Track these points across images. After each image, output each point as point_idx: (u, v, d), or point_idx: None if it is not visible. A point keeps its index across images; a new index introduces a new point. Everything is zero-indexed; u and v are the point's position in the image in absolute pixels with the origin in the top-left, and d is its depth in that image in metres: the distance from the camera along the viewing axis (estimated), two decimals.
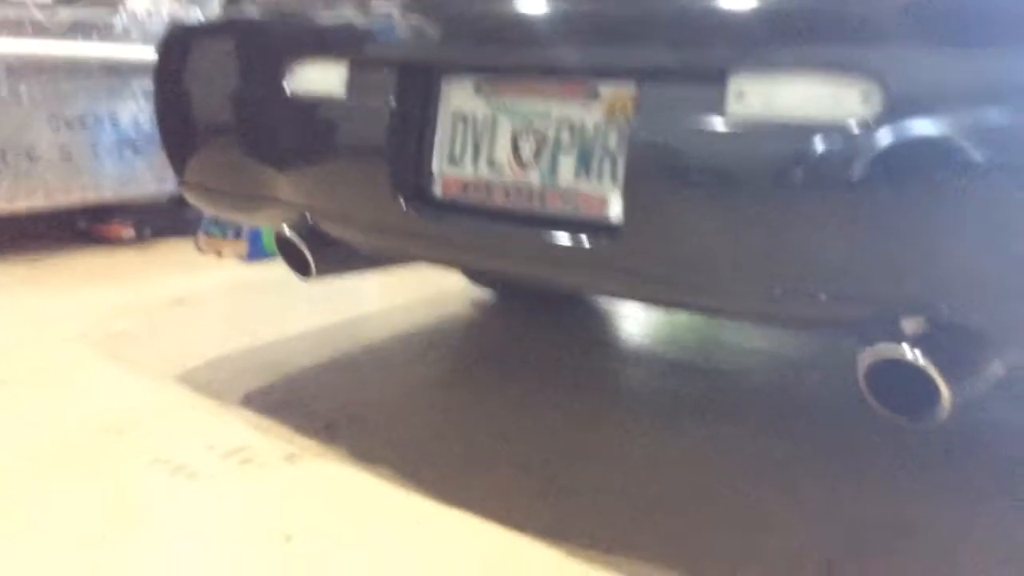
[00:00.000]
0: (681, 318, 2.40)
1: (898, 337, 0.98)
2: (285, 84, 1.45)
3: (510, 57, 1.24)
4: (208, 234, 2.99)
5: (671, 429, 1.69)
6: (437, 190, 1.32)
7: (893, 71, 0.91)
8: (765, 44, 0.99)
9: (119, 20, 3.05)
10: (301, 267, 1.53)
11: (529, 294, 2.49)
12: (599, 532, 1.29)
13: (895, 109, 0.90)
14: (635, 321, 2.41)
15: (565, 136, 1.19)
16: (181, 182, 1.70)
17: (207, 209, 1.79)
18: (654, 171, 1.07)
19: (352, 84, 1.37)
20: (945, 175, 0.89)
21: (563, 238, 1.16)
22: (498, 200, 1.26)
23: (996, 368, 1.06)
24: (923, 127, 0.89)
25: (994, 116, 0.87)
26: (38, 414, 1.65)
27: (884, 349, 0.97)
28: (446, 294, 2.54)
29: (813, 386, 1.95)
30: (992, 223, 0.87)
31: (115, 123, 3.02)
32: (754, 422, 1.72)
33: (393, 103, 1.32)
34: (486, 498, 1.37)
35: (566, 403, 1.78)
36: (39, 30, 2.86)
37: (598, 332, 2.36)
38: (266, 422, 1.63)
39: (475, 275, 2.45)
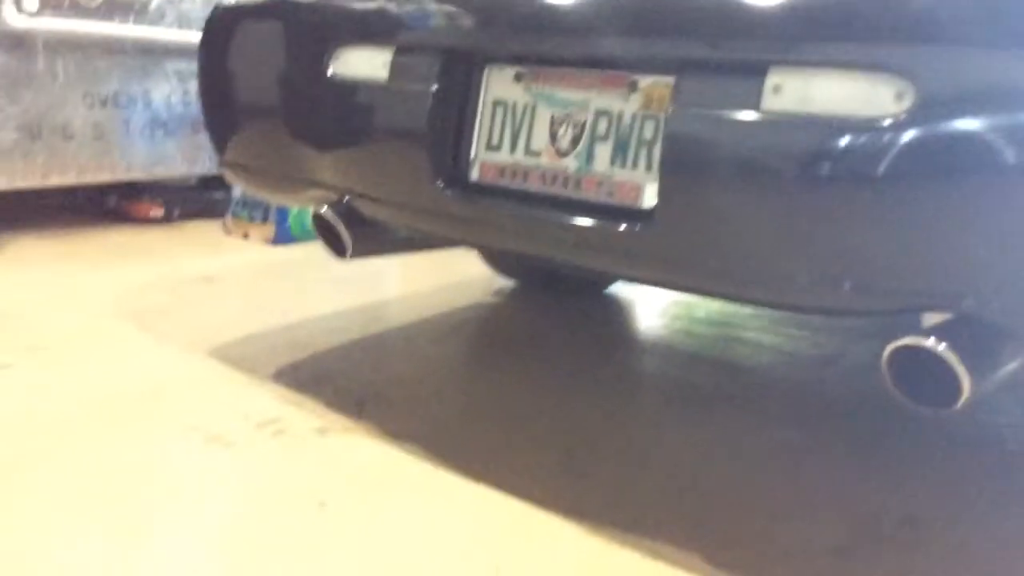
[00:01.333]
0: (700, 313, 2.43)
1: (922, 328, 1.01)
2: (329, 67, 1.49)
3: (550, 47, 1.28)
4: (236, 216, 3.05)
5: (688, 418, 1.73)
6: (475, 174, 1.36)
7: (926, 70, 0.94)
8: (802, 40, 1.03)
9: (155, 1, 3.10)
10: (338, 247, 1.57)
11: (551, 285, 2.53)
12: (618, 511, 1.33)
13: (926, 107, 0.94)
14: (654, 314, 2.45)
15: (602, 125, 1.23)
16: (222, 161, 1.75)
17: (247, 188, 1.83)
18: (688, 161, 1.11)
19: (395, 69, 1.42)
20: (973, 173, 0.93)
21: (597, 223, 1.20)
22: (534, 185, 1.30)
23: (1017, 363, 1.09)
24: (952, 126, 0.93)
25: (1015, 119, 0.91)
26: (75, 380, 1.71)
27: (909, 338, 1.00)
28: (469, 282, 2.58)
29: (829, 381, 1.99)
30: (1019, 221, 0.90)
31: (148, 103, 3.07)
32: (769, 414, 1.76)
33: (435, 89, 1.36)
34: (509, 475, 1.41)
35: (586, 389, 1.83)
36: (76, 8, 2.91)
37: (618, 324, 2.40)
38: (297, 396, 1.67)
39: (499, 264, 2.49)
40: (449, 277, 2.60)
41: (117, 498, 1.29)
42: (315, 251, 1.59)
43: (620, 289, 2.60)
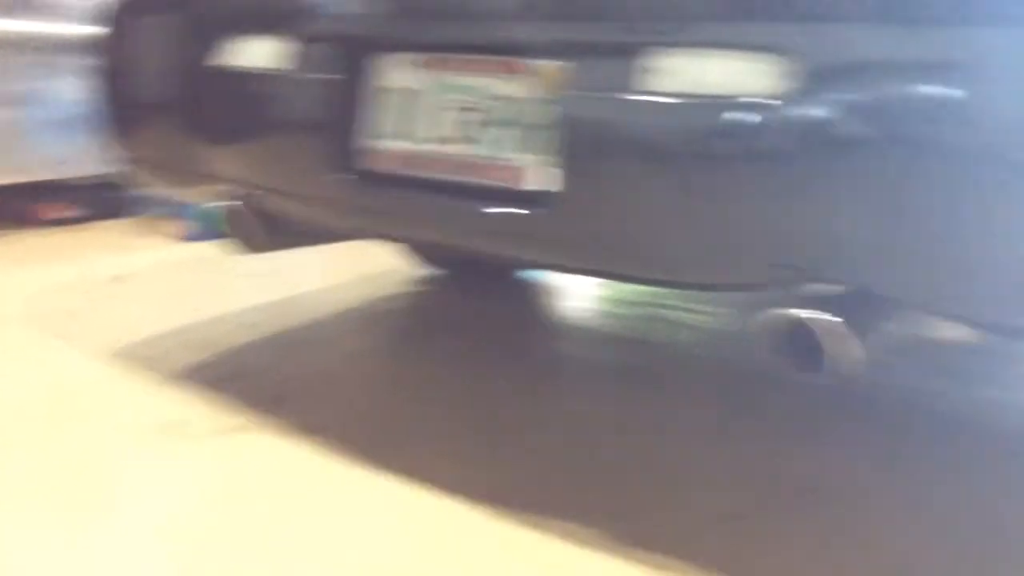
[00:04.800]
0: (620, 294, 2.46)
1: (815, 301, 1.04)
2: (226, 59, 1.47)
3: (448, 34, 1.27)
4: (147, 215, 2.98)
5: (606, 397, 1.75)
6: (376, 163, 1.35)
7: (807, 48, 0.96)
8: (687, 21, 1.05)
9: None
10: (248, 242, 1.55)
11: (474, 272, 2.53)
12: (537, 496, 1.34)
13: (808, 85, 0.96)
14: (577, 297, 2.46)
15: (501, 110, 1.24)
16: (127, 158, 1.71)
17: (154, 184, 1.79)
18: (584, 144, 1.12)
19: (291, 59, 1.40)
20: (854, 148, 0.95)
21: (499, 209, 1.21)
22: (435, 173, 1.29)
23: (895, 328, 1.13)
24: (833, 102, 0.95)
25: (898, 92, 0.93)
26: None
27: (802, 311, 1.03)
28: (388, 273, 2.56)
29: (742, 356, 2.03)
30: (891, 195, 0.93)
31: (54, 102, 2.98)
32: (682, 390, 1.79)
33: (331, 78, 1.34)
34: (429, 463, 1.41)
35: (507, 374, 1.83)
36: None
37: (541, 308, 2.42)
38: (209, 395, 1.65)
39: (421, 253, 2.48)
40: (371, 268, 2.57)
41: (20, 505, 1.26)
42: (230, 246, 1.57)
43: (539, 274, 2.62)
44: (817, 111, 0.95)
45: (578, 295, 2.47)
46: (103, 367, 1.77)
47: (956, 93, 0.88)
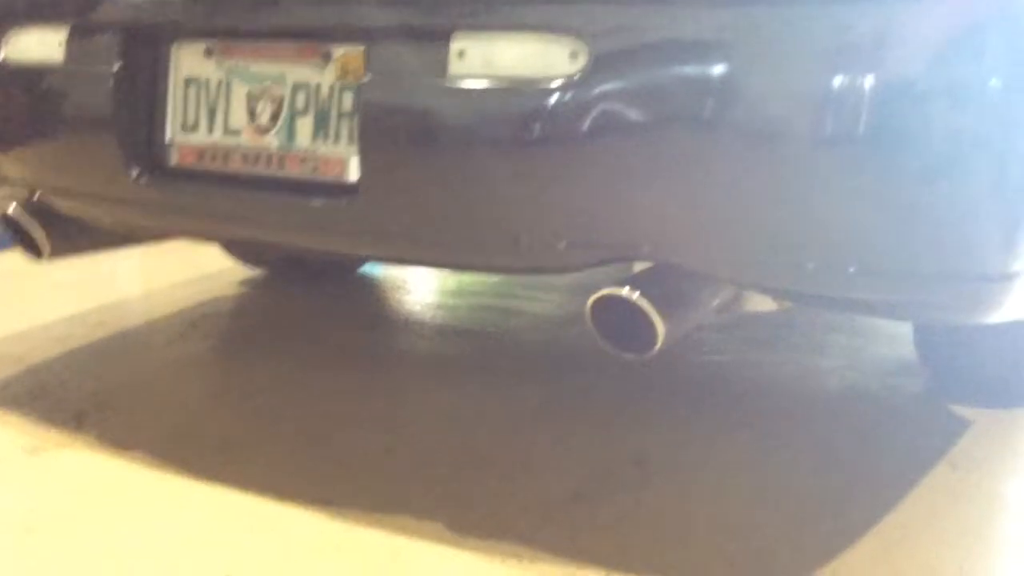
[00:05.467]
0: (456, 287, 2.45)
1: (625, 278, 1.05)
2: (2, 53, 1.35)
3: (239, 19, 1.21)
4: None
5: (438, 388, 1.73)
6: (172, 159, 1.28)
7: (596, 29, 0.97)
8: (482, 4, 1.04)
9: None
10: (33, 248, 1.44)
11: (299, 270, 2.46)
12: (363, 491, 1.31)
13: (599, 65, 0.97)
14: (406, 291, 2.43)
15: (300, 98, 1.19)
16: None
17: None
18: (385, 131, 1.09)
19: (74, 51, 1.30)
20: (645, 127, 0.96)
21: (303, 201, 1.16)
22: (236, 166, 1.23)
23: (710, 304, 1.16)
24: (623, 82, 0.96)
25: (689, 72, 0.95)
26: None
27: (607, 288, 1.04)
28: (211, 276, 2.45)
29: (570, 340, 2.05)
30: (678, 170, 0.95)
31: None
32: (512, 376, 1.79)
33: (118, 69, 1.26)
34: (248, 470, 1.35)
35: (336, 373, 1.78)
36: None
37: (370, 303, 2.37)
38: (6, 416, 1.52)
39: (241, 254, 2.39)
40: (188, 272, 2.45)
41: None
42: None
43: (374, 268, 2.57)
44: (607, 91, 0.96)
45: (413, 289, 2.44)
46: None
47: (726, 70, 0.91)
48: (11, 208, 1.40)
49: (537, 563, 1.14)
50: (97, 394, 1.63)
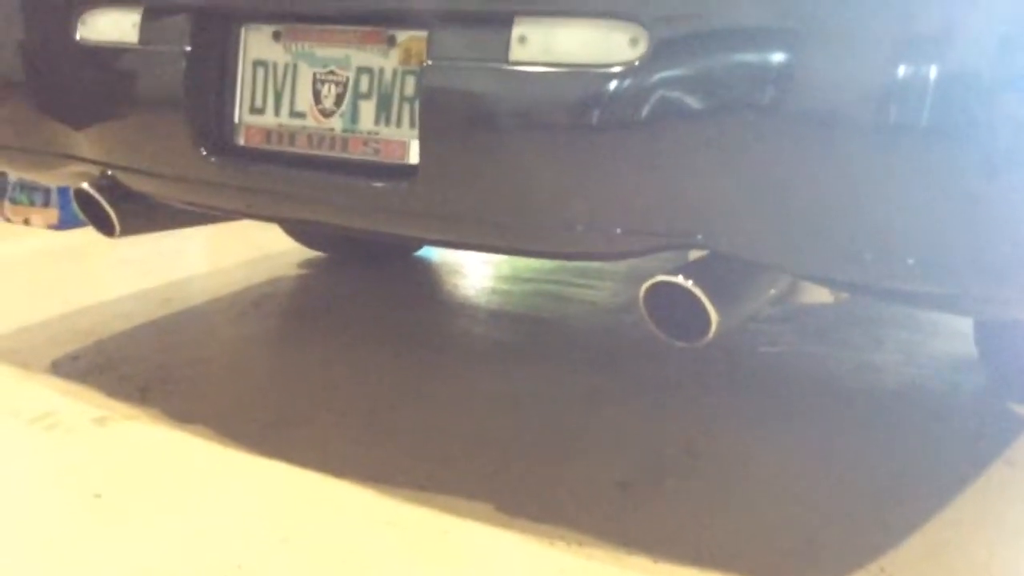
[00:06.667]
0: (511, 272, 2.46)
1: (680, 266, 1.06)
2: (77, 31, 1.40)
3: (307, 4, 1.24)
4: (14, 202, 2.83)
5: (490, 372, 1.75)
6: (239, 139, 1.31)
7: (657, 15, 0.97)
8: None
9: None
10: (105, 225, 1.48)
11: (358, 253, 2.50)
12: (416, 470, 1.33)
13: (659, 52, 0.97)
14: (463, 275, 2.46)
15: (364, 82, 1.21)
16: None
17: (4, 168, 1.70)
18: (445, 115, 1.10)
19: (148, 32, 1.34)
20: (704, 115, 0.96)
21: (364, 183, 1.18)
22: (301, 147, 1.26)
23: (765, 294, 1.16)
24: (683, 69, 0.96)
25: (750, 59, 0.95)
26: None
27: (662, 276, 1.04)
28: (273, 256, 2.51)
29: (624, 328, 2.06)
30: (740, 158, 0.95)
31: None
32: (569, 363, 1.81)
33: (191, 51, 1.29)
34: (305, 447, 1.38)
35: (391, 353, 1.82)
36: None
37: (427, 287, 2.40)
38: (75, 387, 1.58)
39: (303, 236, 2.43)
40: (250, 252, 2.51)
41: None
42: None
43: (430, 252, 2.60)
44: (667, 77, 0.96)
45: (468, 273, 2.46)
46: None
47: (788, 58, 0.90)
48: (84, 185, 1.44)
49: (585, 547, 1.16)
50: (161, 369, 1.68)
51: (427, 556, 1.14)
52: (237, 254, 2.51)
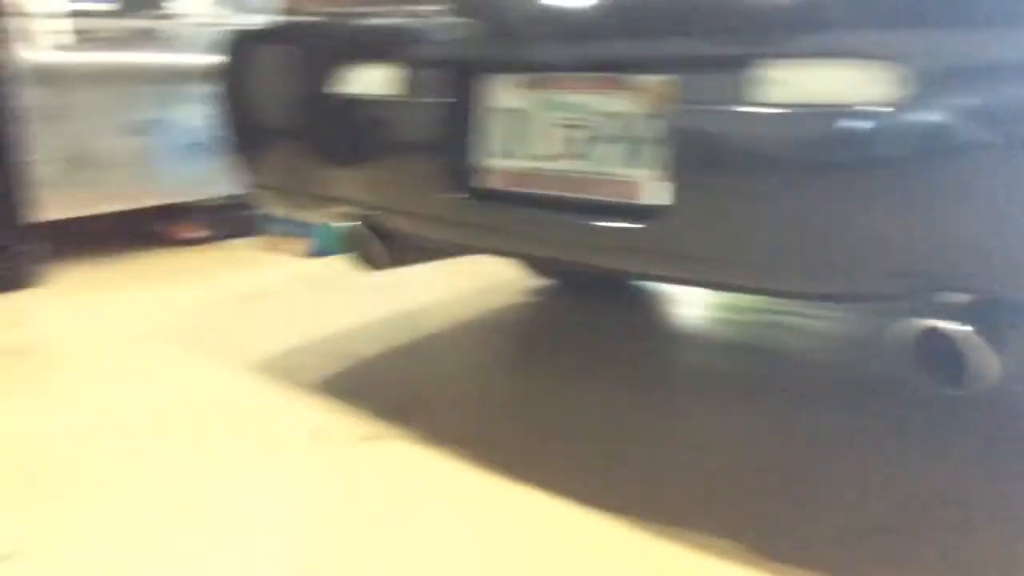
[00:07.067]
0: (732, 301, 2.45)
1: (945, 310, 1.03)
2: (340, 85, 1.54)
3: (551, 53, 1.30)
4: (273, 233, 3.13)
5: (727, 407, 1.75)
6: (489, 182, 1.40)
7: (914, 55, 0.96)
8: (794, 32, 1.05)
9: (177, 29, 3.19)
10: (370, 260, 1.63)
11: (586, 282, 2.57)
12: (657, 505, 1.35)
13: (917, 92, 0.95)
14: (691, 305, 2.46)
15: (609, 126, 1.26)
16: (249, 184, 1.81)
17: (276, 209, 1.89)
18: (694, 157, 1.13)
19: (403, 84, 1.46)
20: (973, 153, 0.94)
21: (610, 224, 1.23)
22: (546, 189, 1.33)
23: None
24: (946, 108, 0.95)
25: (1011, 95, 0.92)
26: (127, 402, 1.78)
27: (934, 321, 1.02)
28: (503, 284, 2.62)
29: (866, 362, 1.99)
30: (1014, 198, 0.92)
31: (182, 127, 3.16)
32: (807, 398, 1.77)
33: (442, 100, 1.40)
34: (550, 474, 1.44)
35: (625, 384, 1.85)
36: (106, 41, 3.01)
37: (654, 317, 2.42)
38: (341, 406, 1.73)
39: (534, 265, 2.53)
40: (482, 281, 2.64)
41: (178, 504, 1.37)
42: (352, 262, 1.66)
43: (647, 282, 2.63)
44: (932, 117, 0.95)
45: (692, 302, 2.47)
46: (243, 379, 1.88)
47: None
48: (352, 225, 1.59)
49: None
50: (416, 390, 1.81)
51: None
52: (470, 281, 2.65)
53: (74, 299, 2.60)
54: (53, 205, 2.83)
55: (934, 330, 1.00)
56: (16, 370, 2.00)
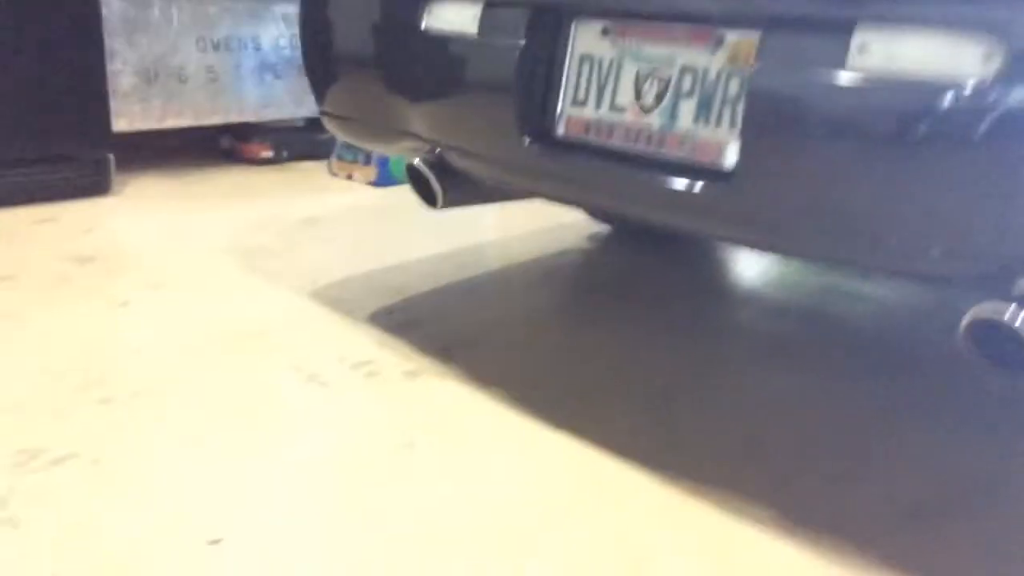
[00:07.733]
0: (790, 262, 2.39)
1: (1008, 295, 0.99)
2: (422, 20, 1.52)
3: (637, 2, 1.27)
4: (340, 158, 3.14)
5: (777, 371, 1.73)
6: (560, 129, 1.38)
7: (1014, 29, 0.91)
8: None
9: None
10: (429, 197, 1.62)
11: (644, 232, 2.53)
12: (695, 462, 1.36)
13: (1015, 68, 0.91)
14: (746, 263, 2.42)
15: (687, 81, 1.23)
16: (321, 111, 1.81)
17: (344, 137, 1.89)
18: (772, 120, 1.09)
19: (485, 24, 1.43)
20: None
21: (678, 181, 1.20)
22: (618, 141, 1.30)
23: None
24: None
25: None
26: (187, 318, 1.83)
27: (989, 307, 0.98)
28: (562, 227, 2.60)
29: (923, 336, 1.94)
30: None
31: (257, 47, 3.17)
32: (859, 368, 1.74)
33: (523, 43, 1.37)
34: (590, 424, 1.44)
35: (676, 339, 1.84)
36: None
37: (710, 272, 2.39)
38: (390, 340, 1.75)
39: (594, 211, 2.50)
40: (542, 222, 2.62)
41: (226, 428, 1.40)
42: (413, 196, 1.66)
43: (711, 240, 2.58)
44: (1020, 97, 0.89)
45: (753, 260, 2.42)
46: (296, 304, 1.91)
47: None
48: (416, 161, 1.58)
49: (869, 572, 1.12)
50: (463, 330, 1.82)
51: (703, 554, 1.16)
52: (530, 222, 2.63)
53: (143, 210, 2.66)
54: (128, 116, 2.88)
55: (992, 318, 0.96)
56: (82, 278, 2.05)
